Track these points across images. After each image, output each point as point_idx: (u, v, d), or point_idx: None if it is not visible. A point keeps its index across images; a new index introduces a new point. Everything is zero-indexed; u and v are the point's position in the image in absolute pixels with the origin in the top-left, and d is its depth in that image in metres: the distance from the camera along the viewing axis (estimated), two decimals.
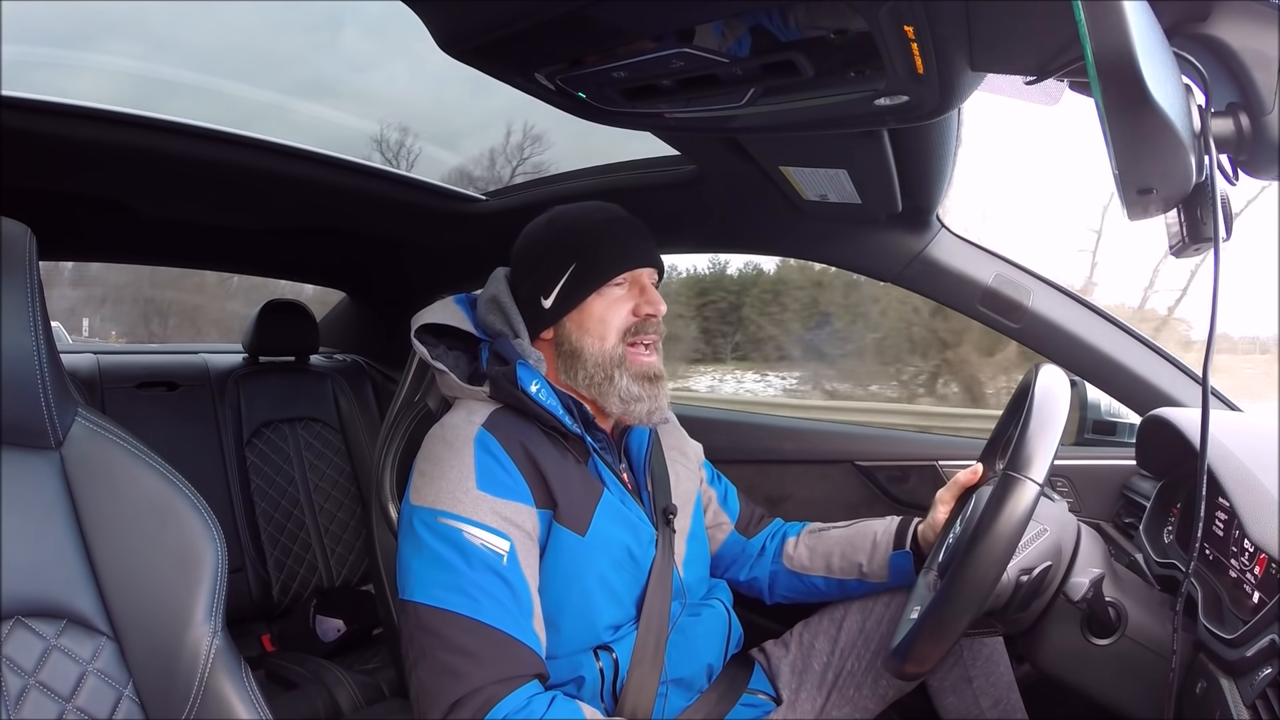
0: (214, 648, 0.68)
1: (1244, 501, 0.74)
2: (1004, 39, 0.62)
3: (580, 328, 0.90)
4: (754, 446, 1.49)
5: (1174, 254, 0.60)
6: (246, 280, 4.69)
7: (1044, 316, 1.20)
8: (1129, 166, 0.51)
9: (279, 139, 1.29)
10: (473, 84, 1.09)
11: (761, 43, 0.67)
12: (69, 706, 0.64)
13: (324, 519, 1.78)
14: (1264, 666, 0.61)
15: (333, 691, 1.33)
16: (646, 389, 0.90)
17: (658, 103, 0.81)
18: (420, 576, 0.78)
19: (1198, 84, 0.55)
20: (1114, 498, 1.18)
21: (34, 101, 1.07)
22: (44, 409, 0.66)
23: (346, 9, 1.13)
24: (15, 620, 0.64)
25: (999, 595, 0.76)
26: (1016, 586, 0.76)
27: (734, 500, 1.13)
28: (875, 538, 1.01)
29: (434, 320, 0.93)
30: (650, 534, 0.91)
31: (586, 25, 0.66)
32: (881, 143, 0.91)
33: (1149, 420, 1.05)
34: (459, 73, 0.72)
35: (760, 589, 1.09)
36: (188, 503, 0.71)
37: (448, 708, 0.72)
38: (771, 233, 1.36)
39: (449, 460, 0.82)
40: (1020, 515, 0.68)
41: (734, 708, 0.96)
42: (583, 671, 0.84)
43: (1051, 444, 0.71)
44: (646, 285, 0.92)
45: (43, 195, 1.33)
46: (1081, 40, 0.43)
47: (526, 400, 0.85)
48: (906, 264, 1.25)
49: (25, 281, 0.65)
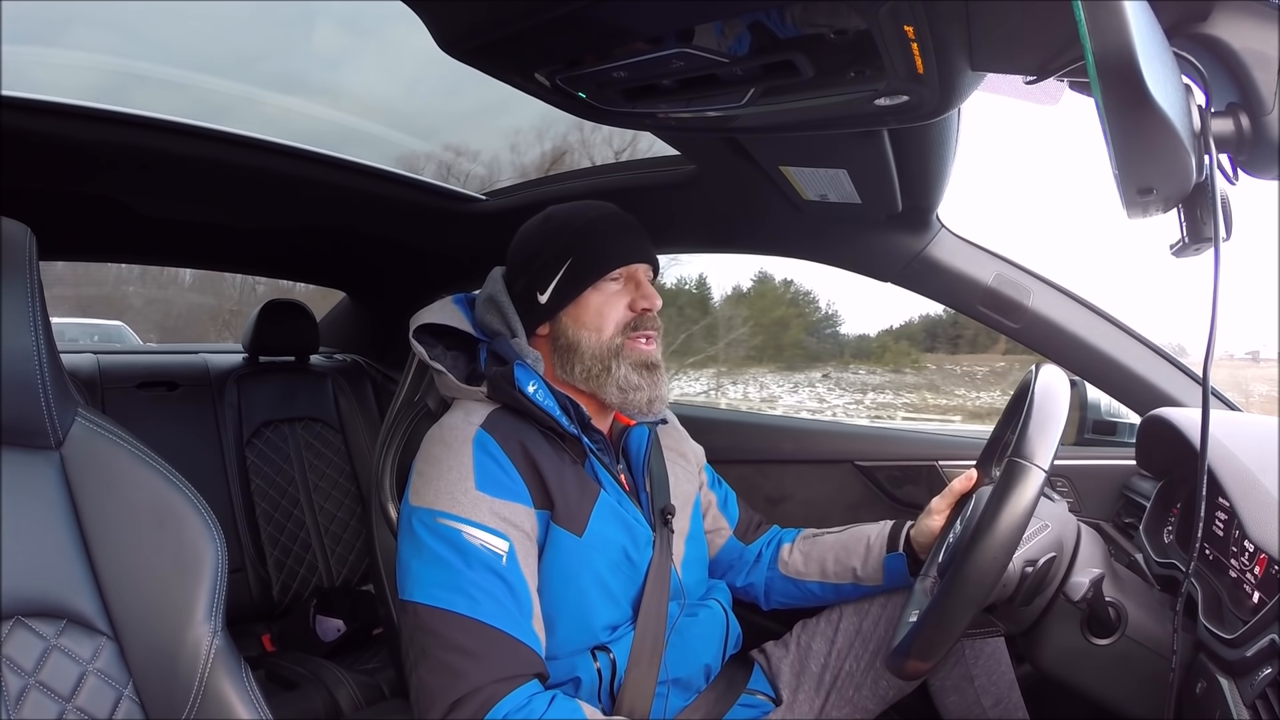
0: (214, 648, 0.68)
1: (1244, 501, 0.74)
2: (1004, 39, 0.62)
3: (577, 322, 0.90)
4: (754, 446, 1.49)
5: (1174, 254, 0.60)
6: None
7: (1044, 316, 1.20)
8: (1129, 166, 0.51)
9: (279, 139, 1.29)
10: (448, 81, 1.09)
11: (761, 43, 0.67)
12: (69, 706, 0.64)
13: (324, 519, 1.78)
14: (1264, 666, 0.61)
15: (333, 691, 1.33)
16: (645, 377, 0.90)
17: (658, 102, 0.81)
18: (420, 576, 0.78)
19: (1198, 84, 0.55)
20: (1114, 498, 1.18)
21: (34, 101, 1.07)
22: (44, 409, 0.66)
23: (319, 7, 1.13)
24: (15, 620, 0.64)
25: (1005, 586, 0.76)
26: (1022, 578, 0.77)
27: (734, 506, 1.13)
28: (869, 541, 1.01)
29: (432, 320, 0.93)
30: (647, 535, 0.91)
31: (586, 25, 0.65)
32: (881, 143, 0.91)
33: (1149, 420, 1.05)
34: (434, 70, 0.72)
35: (756, 595, 1.09)
36: (188, 503, 0.71)
37: (448, 707, 0.72)
38: (771, 233, 1.36)
39: (447, 461, 0.82)
40: (1027, 501, 0.68)
41: (732, 708, 0.96)
42: (580, 672, 0.84)
43: (1055, 434, 0.71)
44: (642, 280, 0.92)
45: (43, 195, 1.33)
46: (1081, 40, 0.43)
47: (524, 400, 0.85)
48: (906, 264, 1.25)
49: (25, 281, 0.65)
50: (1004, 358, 10.82)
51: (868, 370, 10.83)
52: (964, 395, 10.11)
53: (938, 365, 11.62)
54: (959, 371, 11.17)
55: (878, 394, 10.53)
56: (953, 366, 11.38)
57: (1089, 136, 0.53)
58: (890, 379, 11.05)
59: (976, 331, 12.06)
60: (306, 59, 1.25)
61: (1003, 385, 11.24)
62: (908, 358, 11.03)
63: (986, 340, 10.65)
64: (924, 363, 10.81)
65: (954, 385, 10.48)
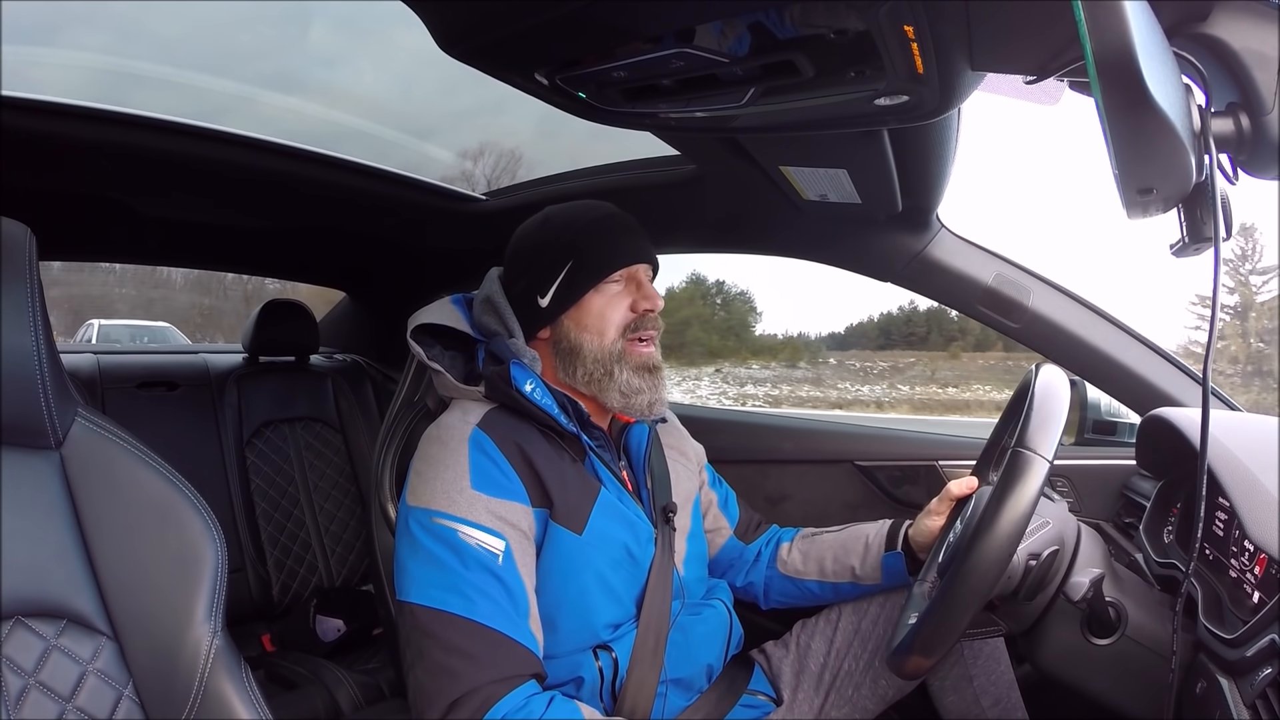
0: (214, 648, 0.68)
1: (1244, 501, 0.74)
2: (1004, 39, 0.62)
3: (579, 325, 0.90)
4: (754, 446, 1.49)
5: (1174, 254, 0.60)
6: None
7: (1044, 316, 1.20)
8: (1129, 166, 0.51)
9: (278, 139, 1.29)
10: (443, 82, 1.09)
11: (762, 43, 0.67)
12: (69, 706, 0.64)
13: (324, 519, 1.78)
14: (1264, 666, 0.61)
15: (333, 691, 1.33)
16: (647, 380, 0.91)
17: (658, 102, 0.81)
18: (416, 577, 0.78)
19: (1198, 84, 0.55)
20: (1114, 498, 1.18)
21: (34, 101, 1.07)
22: (44, 409, 0.66)
23: (316, 7, 1.14)
24: (15, 620, 0.64)
25: (1009, 578, 0.76)
26: (1026, 571, 0.76)
27: (734, 505, 1.13)
28: (867, 540, 1.01)
29: (430, 321, 0.93)
30: (649, 532, 0.91)
31: (586, 25, 0.66)
32: (881, 143, 0.91)
33: (1149, 420, 1.05)
34: (429, 71, 0.72)
35: (756, 594, 1.09)
36: (188, 503, 0.71)
37: (445, 708, 0.72)
38: (771, 233, 1.36)
39: (444, 460, 0.82)
40: (1033, 490, 0.68)
41: (734, 708, 0.96)
42: (582, 671, 0.84)
43: (1058, 427, 0.71)
44: (643, 281, 0.92)
45: (43, 195, 1.33)
46: (1081, 40, 0.43)
47: (521, 399, 0.85)
48: (906, 264, 1.25)
49: (25, 281, 0.65)
50: (913, 353, 11.72)
51: (761, 365, 12.03)
52: (844, 388, 11.48)
53: (840, 361, 12.63)
54: (857, 367, 12.25)
55: (757, 386, 11.52)
56: (853, 363, 12.45)
57: (1089, 136, 0.53)
58: (781, 373, 12.11)
59: (929, 330, 12.69)
60: (303, 58, 1.25)
61: (893, 379, 12.12)
62: (805, 354, 12.30)
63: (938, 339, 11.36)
64: (826, 359, 12.24)
65: (840, 379, 11.83)
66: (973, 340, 12.51)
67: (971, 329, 11.57)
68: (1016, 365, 12.11)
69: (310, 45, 1.21)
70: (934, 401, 10.75)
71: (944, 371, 11.83)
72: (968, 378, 11.54)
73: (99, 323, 8.32)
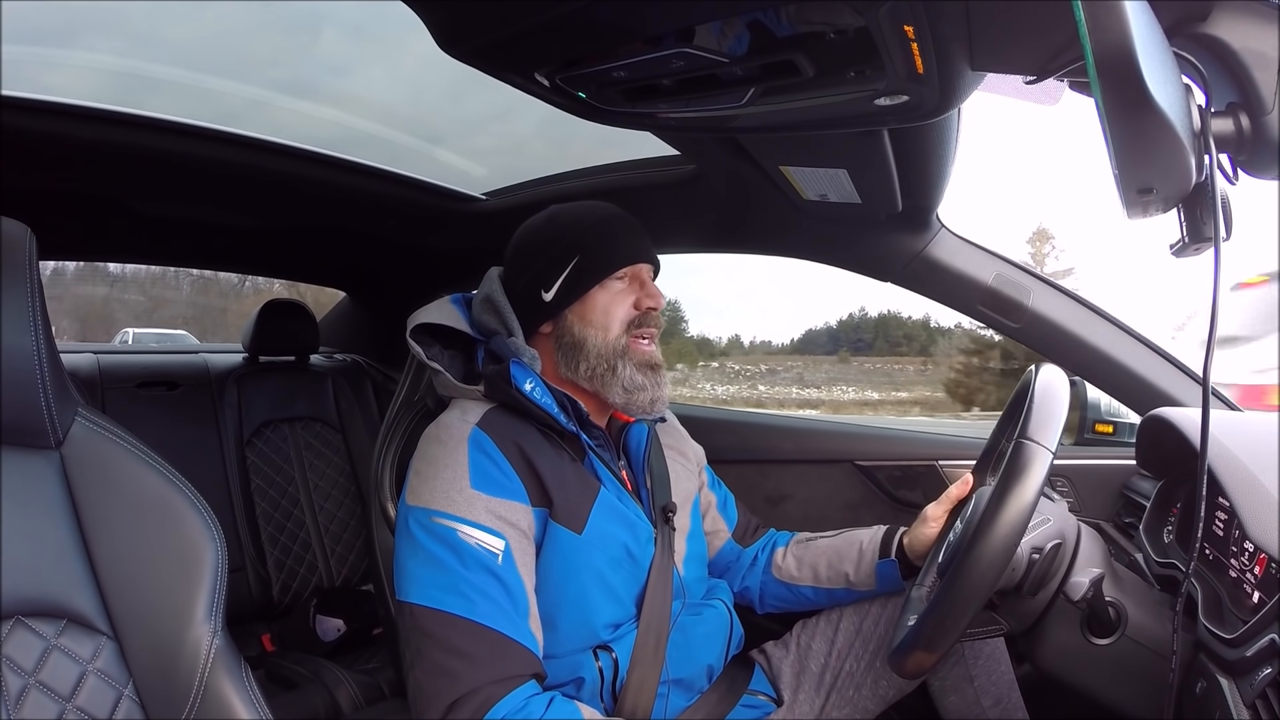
0: (214, 647, 0.68)
1: (1244, 501, 0.74)
2: (1004, 39, 0.62)
3: (583, 320, 0.90)
4: (754, 446, 1.49)
5: (1174, 254, 0.60)
6: None
7: (1044, 316, 1.20)
8: (1129, 166, 0.51)
9: (278, 139, 1.29)
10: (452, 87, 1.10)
11: (761, 43, 0.67)
12: (69, 706, 0.64)
13: (324, 519, 1.78)
14: (1264, 666, 0.61)
15: (333, 691, 1.33)
16: (649, 377, 0.91)
17: (658, 102, 0.81)
18: (416, 577, 0.78)
19: (1198, 84, 0.55)
20: (1114, 498, 1.18)
21: (34, 101, 1.07)
22: (44, 409, 0.66)
23: (324, 9, 1.14)
24: (15, 620, 0.64)
25: (1014, 570, 0.76)
26: (1029, 565, 0.77)
27: (732, 508, 1.13)
28: (861, 546, 1.01)
29: (429, 320, 0.93)
30: (649, 531, 0.91)
31: (587, 25, 0.65)
32: (881, 143, 0.91)
33: (1149, 420, 1.05)
34: (437, 75, 0.72)
35: (751, 598, 1.10)
36: (188, 502, 0.71)
37: (445, 709, 0.72)
38: (771, 233, 1.36)
39: (443, 460, 0.82)
40: (1037, 481, 0.68)
41: (734, 708, 0.96)
42: (582, 672, 0.84)
43: (1059, 421, 0.71)
44: (646, 279, 0.93)
45: (43, 195, 1.33)
46: (1081, 40, 0.43)
47: (521, 398, 0.85)
48: (906, 264, 1.25)
49: (25, 281, 0.65)
50: (800, 358, 13.41)
51: (686, 367, 13.77)
52: (701, 387, 13.33)
53: (769, 366, 14.43)
54: (781, 370, 14.05)
55: (677, 387, 12.43)
56: (778, 367, 14.25)
57: (1089, 135, 0.53)
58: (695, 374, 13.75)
59: (875, 335, 14.65)
60: (314, 65, 1.25)
61: (798, 384, 13.87)
62: (727, 358, 13.99)
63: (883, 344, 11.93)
64: (759, 362, 13.93)
65: (758, 382, 13.68)
66: (917, 346, 14.64)
67: (917, 337, 13.31)
68: (902, 369, 14.28)
69: (321, 52, 1.21)
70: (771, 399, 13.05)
71: (813, 374, 14.04)
72: (838, 379, 13.64)
73: (133, 331, 9.89)
